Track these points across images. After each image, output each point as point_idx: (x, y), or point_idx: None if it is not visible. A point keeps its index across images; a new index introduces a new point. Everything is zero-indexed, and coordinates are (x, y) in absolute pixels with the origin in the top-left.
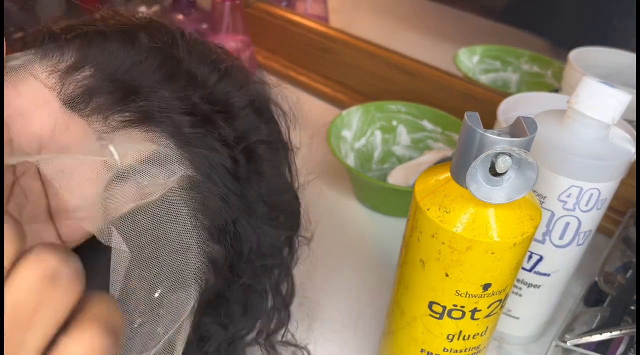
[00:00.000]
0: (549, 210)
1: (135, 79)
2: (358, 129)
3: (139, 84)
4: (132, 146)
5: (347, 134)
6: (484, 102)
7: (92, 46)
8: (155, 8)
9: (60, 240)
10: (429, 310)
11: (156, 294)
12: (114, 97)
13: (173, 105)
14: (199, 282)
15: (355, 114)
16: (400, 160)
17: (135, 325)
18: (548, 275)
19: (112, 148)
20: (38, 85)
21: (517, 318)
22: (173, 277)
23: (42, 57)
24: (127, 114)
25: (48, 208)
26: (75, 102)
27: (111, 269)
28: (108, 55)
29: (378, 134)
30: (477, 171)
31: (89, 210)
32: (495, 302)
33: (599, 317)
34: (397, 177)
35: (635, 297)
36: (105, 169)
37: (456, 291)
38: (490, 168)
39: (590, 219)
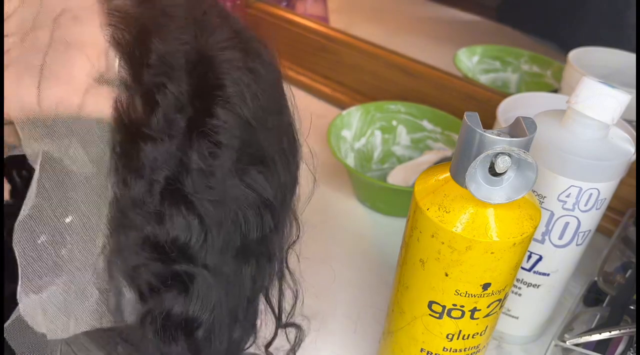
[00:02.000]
0: (549, 210)
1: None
2: (358, 129)
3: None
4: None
5: (347, 134)
6: (483, 102)
7: None
8: None
9: None
10: (428, 310)
11: (67, 220)
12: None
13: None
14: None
15: (355, 114)
16: (400, 160)
17: (39, 241)
18: (547, 275)
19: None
20: None
21: (517, 318)
22: (90, 206)
23: None
24: None
25: None
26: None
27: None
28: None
29: (378, 134)
30: (477, 171)
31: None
32: (495, 301)
33: (598, 316)
34: (397, 177)
35: (634, 297)
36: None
37: (456, 291)
38: (489, 168)
39: (589, 219)
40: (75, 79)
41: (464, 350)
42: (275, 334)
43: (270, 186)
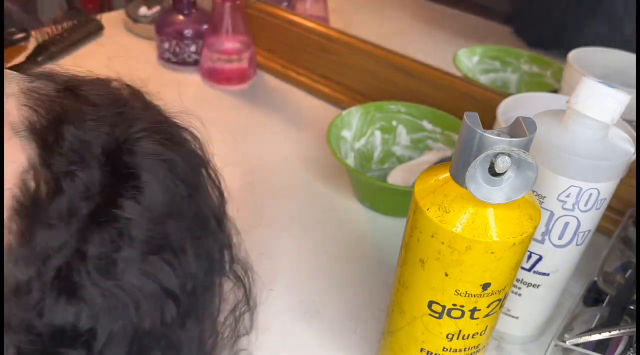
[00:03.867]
0: (548, 210)
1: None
2: (358, 129)
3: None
4: None
5: (347, 134)
6: (483, 103)
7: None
8: (156, 8)
9: None
10: (428, 310)
11: None
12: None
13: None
14: None
15: (355, 114)
16: (400, 160)
17: None
18: (547, 275)
19: None
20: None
21: (517, 317)
22: None
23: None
24: None
25: None
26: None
27: None
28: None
29: (378, 134)
30: (477, 171)
31: None
32: (495, 301)
33: (598, 316)
34: (397, 177)
35: (634, 297)
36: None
37: (456, 291)
38: (489, 168)
39: (589, 219)
40: None
41: (464, 350)
42: None
43: (175, 275)
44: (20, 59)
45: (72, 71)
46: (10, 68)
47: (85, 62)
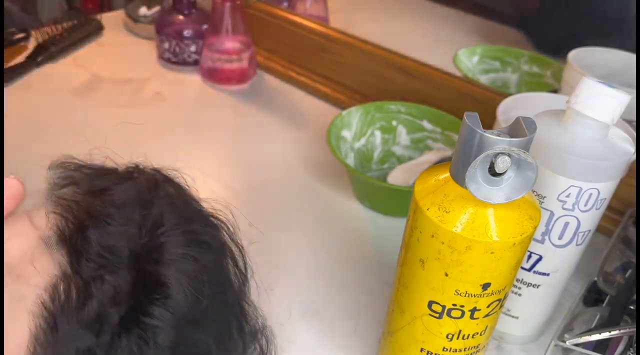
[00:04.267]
0: (548, 210)
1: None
2: (358, 129)
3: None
4: None
5: (346, 134)
6: (483, 102)
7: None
8: (156, 8)
9: None
10: (428, 310)
11: None
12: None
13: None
14: None
15: (355, 114)
16: (400, 160)
17: None
18: (547, 275)
19: None
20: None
21: (517, 318)
22: None
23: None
24: None
25: None
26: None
27: None
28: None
29: (378, 134)
30: (477, 171)
31: None
32: (495, 301)
33: (598, 316)
34: (397, 177)
35: (634, 297)
36: None
37: (456, 291)
38: (489, 168)
39: (589, 219)
40: None
41: (464, 350)
42: None
43: None
44: (20, 59)
45: (97, 164)
46: (11, 67)
47: (85, 62)
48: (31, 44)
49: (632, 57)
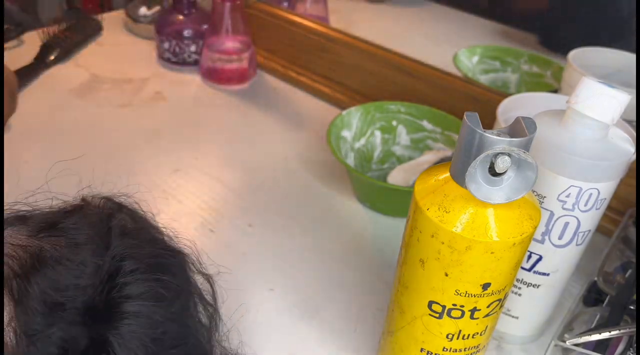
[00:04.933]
0: (548, 210)
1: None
2: (358, 129)
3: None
4: None
5: (347, 134)
6: (483, 102)
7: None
8: (156, 8)
9: None
10: (428, 310)
11: None
12: None
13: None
14: None
15: (355, 114)
16: (400, 160)
17: None
18: (547, 275)
19: None
20: None
21: (517, 318)
22: None
23: None
24: None
25: None
26: None
27: None
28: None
29: (378, 134)
30: (477, 171)
31: None
32: (495, 301)
33: (598, 316)
34: (397, 177)
35: (634, 297)
36: None
37: (456, 291)
38: (489, 168)
39: (589, 219)
40: None
41: (464, 350)
42: None
43: None
44: (28, 60)
45: (45, 208)
46: (20, 69)
47: (85, 62)
48: (26, 39)
49: (632, 57)
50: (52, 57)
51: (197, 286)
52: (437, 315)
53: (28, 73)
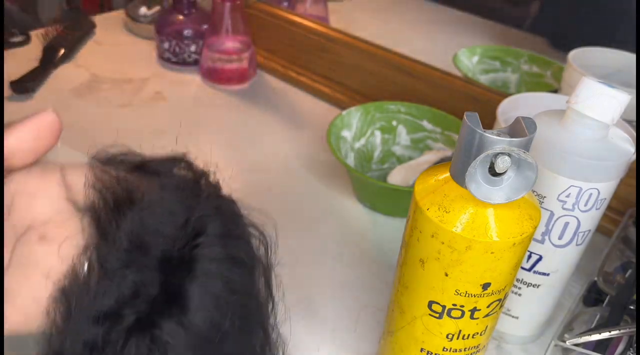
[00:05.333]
0: (548, 210)
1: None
2: (358, 129)
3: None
4: None
5: (347, 134)
6: (483, 102)
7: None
8: (156, 8)
9: None
10: (428, 310)
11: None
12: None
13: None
14: None
15: (355, 114)
16: (400, 160)
17: None
18: (547, 274)
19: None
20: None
21: (517, 317)
22: None
23: None
24: None
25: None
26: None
27: None
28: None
29: (378, 134)
30: (477, 171)
31: None
32: (495, 301)
33: (598, 316)
34: (397, 177)
35: (634, 297)
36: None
37: (456, 291)
38: (489, 168)
39: (589, 219)
40: (32, 303)
41: (464, 350)
42: None
43: None
44: (34, 64)
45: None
46: (29, 74)
47: (85, 62)
48: (32, 47)
49: (632, 57)
50: (58, 56)
51: (267, 270)
52: (437, 315)
53: (37, 76)
